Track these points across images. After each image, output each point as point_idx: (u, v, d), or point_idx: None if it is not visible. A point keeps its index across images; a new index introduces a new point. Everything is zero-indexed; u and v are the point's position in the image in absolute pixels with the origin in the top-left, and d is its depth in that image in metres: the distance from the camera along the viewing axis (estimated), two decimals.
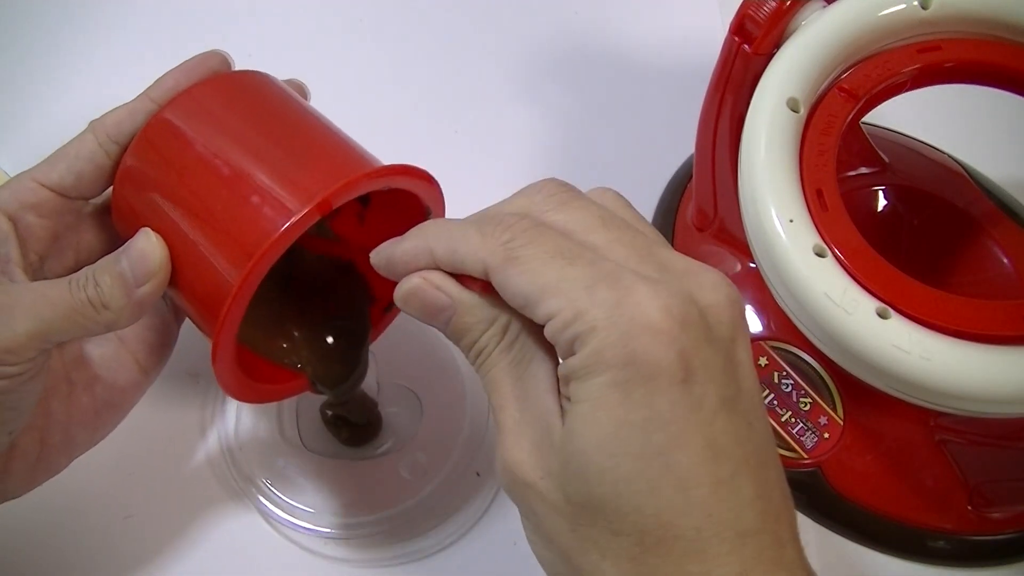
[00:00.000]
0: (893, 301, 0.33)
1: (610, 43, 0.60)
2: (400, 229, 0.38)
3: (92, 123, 0.35)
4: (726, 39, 0.40)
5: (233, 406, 0.44)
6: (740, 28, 0.39)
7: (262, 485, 0.42)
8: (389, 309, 0.41)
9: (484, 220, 0.28)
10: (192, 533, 0.42)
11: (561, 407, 0.26)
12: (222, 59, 0.36)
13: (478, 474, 0.43)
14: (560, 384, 0.27)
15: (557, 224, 0.27)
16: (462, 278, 0.28)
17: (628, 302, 0.24)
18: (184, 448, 0.44)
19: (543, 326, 0.26)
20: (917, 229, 0.46)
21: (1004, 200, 0.48)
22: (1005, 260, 0.44)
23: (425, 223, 0.30)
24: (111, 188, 0.36)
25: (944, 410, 0.33)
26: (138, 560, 0.41)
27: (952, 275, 0.44)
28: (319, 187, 0.32)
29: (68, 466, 0.37)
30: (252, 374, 0.36)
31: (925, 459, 0.42)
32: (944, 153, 0.50)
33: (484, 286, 0.28)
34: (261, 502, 0.42)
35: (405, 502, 0.42)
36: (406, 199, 0.36)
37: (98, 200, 0.37)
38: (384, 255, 0.30)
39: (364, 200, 0.39)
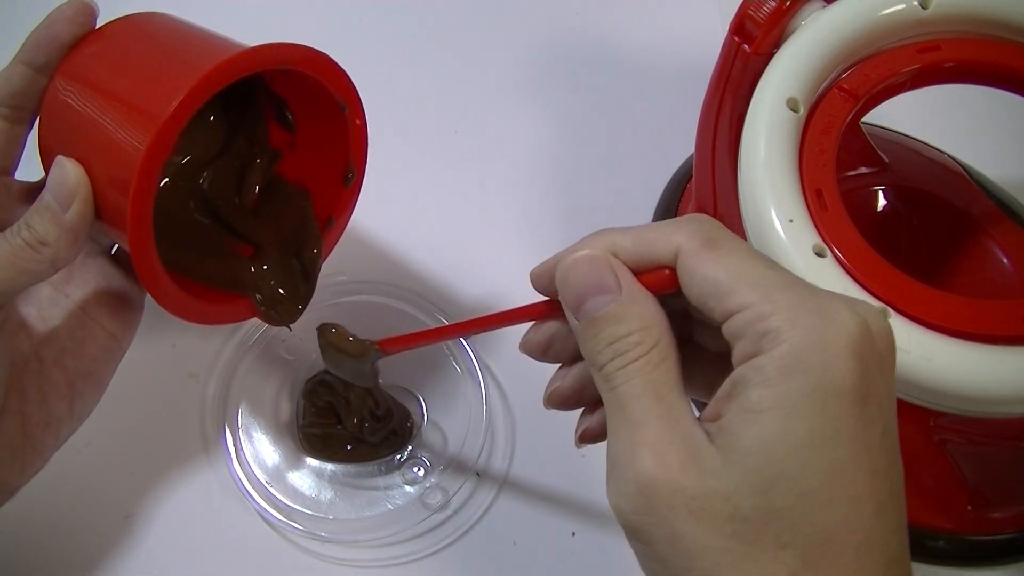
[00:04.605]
0: (893, 301, 0.33)
1: (610, 43, 0.60)
2: (327, 151, 0.41)
3: None
4: (726, 39, 0.40)
5: (233, 408, 0.44)
6: (740, 28, 0.39)
7: (261, 486, 0.42)
8: (329, 226, 0.41)
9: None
10: (191, 534, 0.42)
11: (707, 433, 0.25)
12: (80, 6, 0.35)
13: (478, 474, 0.44)
14: (723, 390, 0.25)
15: None
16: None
17: (829, 310, 0.24)
18: (184, 448, 0.44)
19: (718, 327, 0.25)
20: (917, 229, 0.46)
21: (1004, 200, 0.48)
22: (1005, 260, 0.44)
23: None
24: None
25: (944, 410, 0.33)
26: (138, 560, 0.41)
27: (952, 275, 0.44)
28: (221, 55, 0.33)
29: (58, 449, 0.37)
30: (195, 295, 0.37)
31: (925, 459, 0.42)
32: (944, 153, 0.50)
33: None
34: (260, 503, 0.42)
35: (405, 502, 0.42)
36: (327, 116, 0.38)
37: (29, 183, 0.37)
38: (551, 261, 0.29)
39: (291, 128, 0.41)
